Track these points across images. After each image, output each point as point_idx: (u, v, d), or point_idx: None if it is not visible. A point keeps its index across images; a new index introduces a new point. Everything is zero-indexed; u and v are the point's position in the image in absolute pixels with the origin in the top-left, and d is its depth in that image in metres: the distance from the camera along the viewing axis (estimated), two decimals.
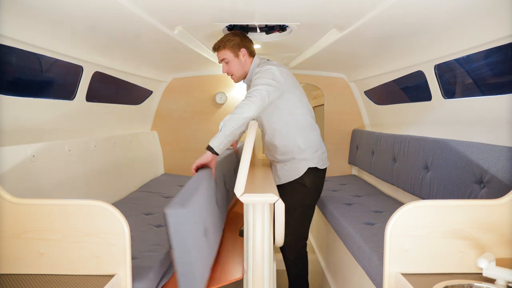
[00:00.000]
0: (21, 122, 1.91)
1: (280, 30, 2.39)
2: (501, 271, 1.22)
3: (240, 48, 2.18)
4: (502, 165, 1.65)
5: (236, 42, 2.17)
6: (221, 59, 2.23)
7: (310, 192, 2.23)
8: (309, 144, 2.20)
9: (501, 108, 1.77)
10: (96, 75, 2.47)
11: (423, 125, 2.59)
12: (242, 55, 2.20)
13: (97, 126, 2.72)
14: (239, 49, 2.18)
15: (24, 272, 1.38)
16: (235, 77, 2.28)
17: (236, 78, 2.29)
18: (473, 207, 1.39)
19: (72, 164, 2.16)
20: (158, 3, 1.62)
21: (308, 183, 2.20)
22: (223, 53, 2.20)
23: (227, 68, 2.24)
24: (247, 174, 1.65)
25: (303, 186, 2.20)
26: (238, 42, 2.17)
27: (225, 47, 2.18)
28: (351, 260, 2.15)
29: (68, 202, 1.38)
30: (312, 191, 2.23)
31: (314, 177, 2.22)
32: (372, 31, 1.99)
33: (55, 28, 1.77)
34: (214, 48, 2.24)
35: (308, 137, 2.20)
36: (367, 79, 3.39)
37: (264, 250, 1.66)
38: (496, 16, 1.54)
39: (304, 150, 2.18)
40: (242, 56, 2.20)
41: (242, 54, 2.20)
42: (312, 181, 2.21)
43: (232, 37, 2.18)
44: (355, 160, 3.69)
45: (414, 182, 2.38)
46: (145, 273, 1.52)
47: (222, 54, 2.21)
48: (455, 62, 2.30)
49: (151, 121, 3.83)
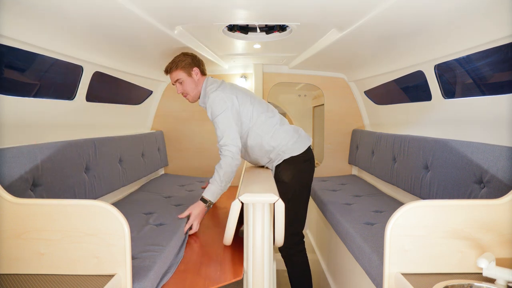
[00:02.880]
0: (21, 122, 1.91)
1: (280, 30, 2.39)
2: (501, 271, 1.22)
3: (193, 68, 2.27)
4: (502, 165, 1.65)
5: (188, 62, 2.26)
6: (175, 80, 2.30)
7: (290, 186, 2.23)
8: (279, 140, 2.24)
9: (501, 108, 1.77)
10: (96, 75, 2.47)
11: (423, 125, 2.59)
12: (195, 74, 2.28)
13: (97, 126, 2.72)
14: (191, 69, 2.27)
15: (24, 272, 1.38)
16: (190, 97, 2.34)
17: (191, 98, 2.36)
18: (473, 207, 1.39)
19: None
20: (158, 3, 1.62)
21: (286, 177, 2.23)
22: (176, 74, 2.28)
23: (181, 88, 2.31)
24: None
25: (281, 182, 2.23)
26: (190, 62, 2.26)
27: (177, 67, 2.27)
28: (351, 260, 2.15)
29: (68, 202, 1.38)
30: (292, 183, 2.23)
31: (292, 168, 2.24)
32: (372, 31, 1.99)
33: (55, 28, 1.77)
34: (166, 71, 2.32)
35: (276, 134, 2.25)
36: (367, 79, 3.39)
37: (264, 250, 1.66)
38: (496, 16, 1.54)
39: (275, 147, 2.24)
40: (195, 75, 2.29)
41: (195, 73, 2.28)
42: (290, 174, 2.23)
43: (183, 57, 2.27)
44: (355, 160, 3.69)
45: (414, 182, 2.38)
46: (144, 273, 1.52)
47: (175, 75, 2.29)
48: (455, 62, 2.30)
49: (151, 121, 3.83)
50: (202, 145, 3.89)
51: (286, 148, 2.25)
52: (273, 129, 2.25)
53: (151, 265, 1.60)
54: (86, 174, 2.28)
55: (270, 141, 2.24)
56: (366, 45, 2.40)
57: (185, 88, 2.30)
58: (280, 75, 3.89)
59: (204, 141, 3.89)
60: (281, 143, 2.24)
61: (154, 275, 1.56)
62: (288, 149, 2.25)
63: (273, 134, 2.24)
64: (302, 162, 2.28)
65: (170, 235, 1.98)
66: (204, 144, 3.89)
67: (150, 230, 2.08)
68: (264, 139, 2.24)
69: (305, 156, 2.29)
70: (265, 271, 1.67)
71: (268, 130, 2.25)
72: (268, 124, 2.25)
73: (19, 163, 1.70)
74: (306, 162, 2.30)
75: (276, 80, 3.89)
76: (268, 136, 2.24)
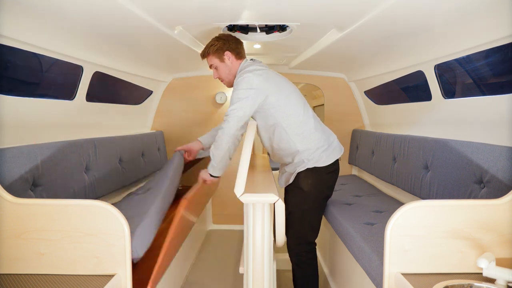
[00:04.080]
0: (21, 122, 1.91)
1: (280, 30, 2.39)
2: (501, 271, 1.22)
3: (224, 52, 2.14)
4: (502, 165, 1.65)
5: (219, 46, 2.14)
6: (210, 65, 2.22)
7: (309, 196, 2.12)
8: (307, 145, 2.09)
9: (501, 108, 1.77)
10: (96, 75, 2.47)
11: (423, 125, 2.59)
12: (227, 58, 2.15)
13: (97, 126, 2.72)
14: (223, 53, 2.14)
15: (24, 272, 1.38)
16: (226, 82, 2.23)
17: (227, 83, 2.24)
18: (473, 207, 1.39)
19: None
20: (158, 3, 1.63)
21: (305, 186, 2.11)
22: (210, 60, 2.19)
23: (217, 73, 2.22)
24: (246, 174, 1.65)
25: (300, 189, 2.12)
26: (221, 46, 2.14)
27: (209, 53, 2.17)
28: (351, 260, 2.15)
29: (68, 202, 1.38)
30: (311, 194, 2.12)
31: (314, 178, 2.11)
32: (372, 31, 1.99)
33: (55, 28, 1.77)
34: (201, 56, 2.23)
35: (306, 138, 2.09)
36: (367, 79, 3.39)
37: (264, 250, 1.66)
38: (496, 16, 1.54)
39: (302, 152, 2.09)
40: (227, 60, 2.15)
41: (227, 57, 2.15)
42: (310, 184, 2.11)
43: (215, 41, 2.15)
44: (355, 160, 3.69)
45: (414, 182, 2.38)
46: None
47: (209, 61, 2.20)
48: (455, 62, 2.30)
49: (151, 121, 3.83)
50: None
51: (311, 156, 2.09)
52: (303, 132, 2.08)
53: None
54: (86, 174, 2.28)
55: (296, 143, 2.08)
56: (366, 45, 2.40)
57: (219, 73, 2.19)
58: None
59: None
60: (308, 149, 2.08)
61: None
62: (313, 158, 2.09)
63: (302, 138, 2.08)
64: (325, 174, 2.13)
65: None
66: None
67: None
68: (290, 139, 2.08)
69: (330, 168, 2.14)
70: (265, 271, 1.67)
71: (297, 132, 2.08)
72: (299, 125, 2.08)
73: (19, 163, 1.70)
74: (329, 174, 2.16)
75: None
76: (296, 138, 2.08)
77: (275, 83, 2.08)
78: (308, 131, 2.10)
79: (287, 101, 2.07)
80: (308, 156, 2.09)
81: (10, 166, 1.65)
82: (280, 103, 2.05)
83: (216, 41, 2.15)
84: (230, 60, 2.16)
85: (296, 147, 2.09)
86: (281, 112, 2.05)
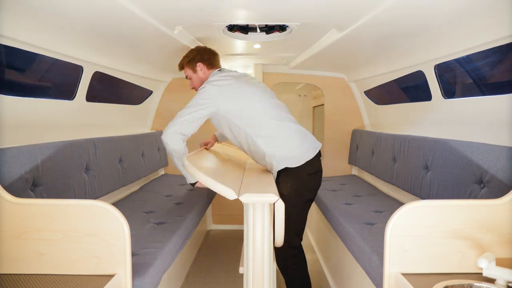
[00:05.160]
0: (22, 123, 1.91)
1: (280, 30, 2.39)
2: (501, 271, 1.22)
3: (196, 63, 2.21)
4: (502, 165, 1.65)
5: (191, 57, 2.21)
6: (185, 76, 2.29)
7: (289, 200, 1.96)
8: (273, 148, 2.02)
9: (501, 108, 1.77)
10: (96, 75, 2.47)
11: (423, 125, 2.59)
12: (200, 69, 2.22)
13: (97, 126, 2.72)
14: (195, 64, 2.22)
15: (24, 272, 1.38)
16: None
17: None
18: (473, 207, 1.39)
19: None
20: (158, 3, 1.63)
21: (285, 190, 2.02)
22: (185, 71, 2.27)
23: (192, 84, 2.29)
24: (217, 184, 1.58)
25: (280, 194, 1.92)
26: (193, 57, 2.21)
27: (183, 65, 2.25)
28: (351, 260, 2.15)
29: (68, 202, 1.38)
30: (291, 197, 2.01)
31: (292, 181, 2.03)
32: (372, 31, 1.99)
33: (55, 28, 1.78)
34: (179, 67, 2.30)
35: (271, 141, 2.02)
36: (367, 79, 3.39)
37: (264, 250, 1.66)
38: (496, 16, 1.54)
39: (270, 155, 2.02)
40: (200, 71, 2.22)
41: (200, 68, 2.22)
42: (289, 187, 2.03)
43: (189, 53, 2.24)
44: (355, 160, 3.69)
45: (414, 182, 2.38)
46: (145, 270, 1.52)
47: (185, 72, 2.28)
48: (455, 62, 2.30)
49: (151, 121, 3.83)
50: None
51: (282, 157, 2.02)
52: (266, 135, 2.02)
53: (151, 261, 1.61)
54: (86, 174, 2.28)
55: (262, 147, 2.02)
56: (366, 45, 2.40)
57: (193, 83, 2.25)
58: (280, 75, 3.89)
59: None
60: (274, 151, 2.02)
61: (155, 271, 1.58)
62: (285, 158, 2.02)
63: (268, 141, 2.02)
64: (306, 176, 2.05)
65: (170, 233, 2.00)
66: None
67: (150, 228, 2.09)
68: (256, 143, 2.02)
69: (309, 169, 2.05)
70: (265, 271, 1.67)
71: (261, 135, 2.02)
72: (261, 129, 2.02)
73: (19, 163, 1.70)
74: (310, 176, 2.06)
75: (276, 80, 3.88)
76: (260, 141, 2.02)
77: (233, 93, 2.04)
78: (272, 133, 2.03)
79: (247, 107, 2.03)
80: (278, 158, 2.02)
81: (10, 166, 1.65)
82: (235, 109, 2.01)
83: (190, 53, 2.24)
84: (202, 70, 2.23)
85: (263, 150, 2.03)
86: (241, 118, 2.02)
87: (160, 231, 2.03)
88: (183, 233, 2.14)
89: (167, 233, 2.00)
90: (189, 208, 2.53)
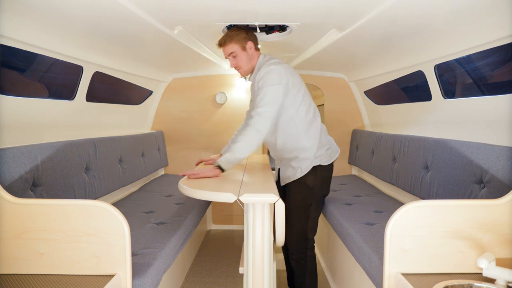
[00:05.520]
0: (22, 123, 1.91)
1: (280, 30, 2.39)
2: (501, 271, 1.22)
3: (247, 41, 2.18)
4: (502, 165, 1.65)
5: (243, 35, 2.18)
6: (229, 53, 2.21)
7: (313, 192, 2.19)
8: (313, 142, 2.16)
9: (501, 108, 1.77)
10: (96, 75, 2.47)
11: (423, 125, 2.59)
12: (249, 48, 2.19)
13: (97, 126, 2.72)
14: (245, 42, 2.18)
15: (24, 272, 1.38)
16: (243, 70, 2.25)
17: (244, 72, 2.26)
18: (473, 207, 1.39)
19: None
20: (158, 3, 1.63)
21: (310, 182, 2.17)
22: (231, 47, 2.19)
23: (235, 62, 2.22)
24: None
25: (305, 185, 2.18)
26: (245, 35, 2.18)
27: (231, 40, 2.17)
28: (351, 260, 2.15)
29: (68, 202, 1.38)
30: (315, 190, 2.20)
31: (318, 175, 2.19)
32: (372, 31, 1.99)
33: (55, 28, 1.78)
34: (220, 43, 2.22)
35: (312, 135, 2.16)
36: (367, 79, 3.39)
37: (264, 250, 1.66)
38: (496, 16, 1.54)
39: (308, 149, 2.15)
40: (249, 49, 2.19)
41: (249, 47, 2.19)
42: (315, 180, 2.19)
43: (238, 31, 2.18)
44: (355, 160, 3.69)
45: (414, 182, 2.38)
46: (145, 270, 1.52)
47: (229, 48, 2.19)
48: (455, 62, 2.30)
49: (151, 121, 3.83)
50: (202, 145, 3.90)
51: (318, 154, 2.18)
52: (311, 130, 2.16)
53: (151, 261, 1.61)
54: (86, 174, 2.28)
55: (304, 140, 2.14)
56: (366, 45, 2.39)
57: (238, 61, 2.20)
58: None
59: (204, 141, 3.89)
60: (313, 146, 2.16)
61: (155, 271, 1.57)
62: (319, 156, 2.18)
63: (310, 136, 2.15)
64: (327, 171, 2.25)
65: (170, 233, 2.00)
66: (204, 144, 3.89)
67: (150, 228, 2.09)
68: (299, 134, 2.14)
69: (329, 166, 2.26)
70: (265, 271, 1.67)
71: (306, 128, 2.15)
72: (309, 123, 2.16)
73: (19, 163, 1.70)
74: (329, 172, 2.28)
75: None
76: (304, 135, 2.14)
77: (295, 79, 2.14)
78: (315, 129, 2.18)
79: (303, 98, 2.15)
80: (315, 154, 2.17)
81: (10, 166, 1.65)
82: (296, 98, 2.11)
83: (239, 31, 2.19)
84: (251, 50, 2.20)
85: (303, 143, 2.15)
86: (295, 108, 2.11)
87: (160, 231, 2.03)
88: (183, 233, 2.14)
89: (167, 233, 1.99)
90: (189, 208, 2.53)
